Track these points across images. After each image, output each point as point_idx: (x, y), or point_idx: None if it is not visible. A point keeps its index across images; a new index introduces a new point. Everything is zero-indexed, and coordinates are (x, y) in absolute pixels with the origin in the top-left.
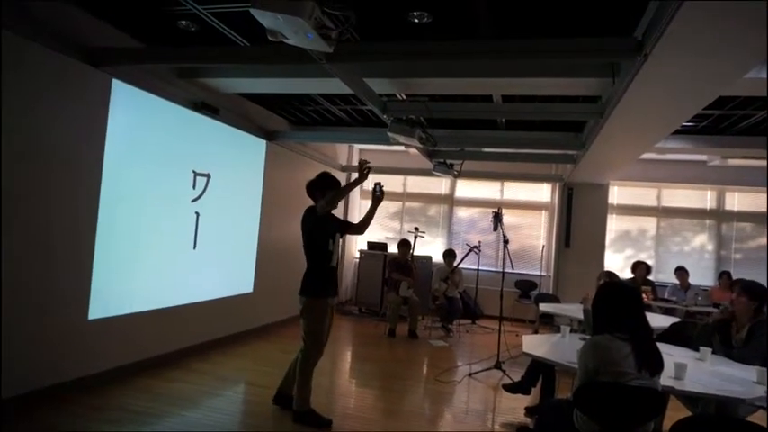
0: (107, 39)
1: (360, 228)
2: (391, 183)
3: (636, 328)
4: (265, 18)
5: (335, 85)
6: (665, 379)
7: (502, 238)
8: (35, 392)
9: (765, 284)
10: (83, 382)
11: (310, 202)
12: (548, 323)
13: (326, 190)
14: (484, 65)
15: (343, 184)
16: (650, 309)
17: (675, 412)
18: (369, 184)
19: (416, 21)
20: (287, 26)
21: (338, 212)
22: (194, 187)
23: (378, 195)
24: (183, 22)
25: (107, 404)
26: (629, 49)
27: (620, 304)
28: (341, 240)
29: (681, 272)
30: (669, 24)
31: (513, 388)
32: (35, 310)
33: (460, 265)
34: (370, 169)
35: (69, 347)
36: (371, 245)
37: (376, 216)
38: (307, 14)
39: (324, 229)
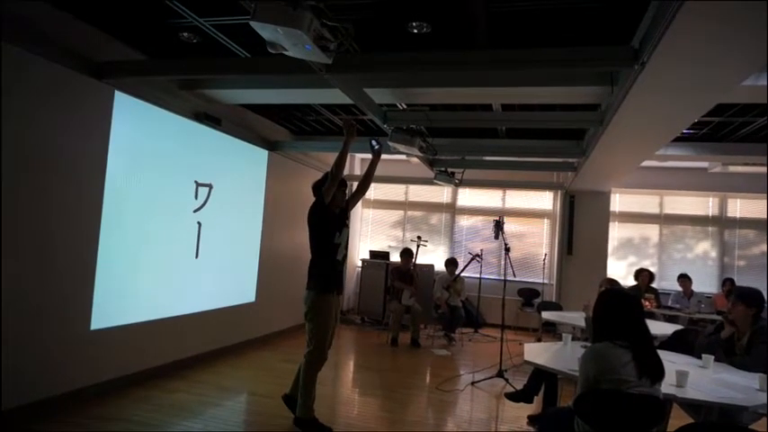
0: (109, 51)
1: (361, 189)
2: (393, 192)
3: (636, 335)
4: (265, 30)
5: (336, 96)
6: (667, 387)
7: (503, 246)
8: (38, 403)
9: (765, 291)
10: (85, 393)
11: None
12: (551, 331)
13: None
14: (483, 74)
15: (347, 192)
16: (653, 316)
17: (678, 420)
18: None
19: (416, 31)
20: (286, 38)
21: None
22: (196, 197)
23: (377, 149)
24: (185, 34)
25: (109, 415)
26: (626, 58)
27: (619, 312)
28: (348, 235)
29: (684, 279)
30: (665, 33)
31: (515, 396)
32: (37, 321)
33: (463, 274)
34: (353, 125)
35: (72, 358)
36: (374, 254)
37: (379, 225)
38: (305, 26)
39: (331, 219)
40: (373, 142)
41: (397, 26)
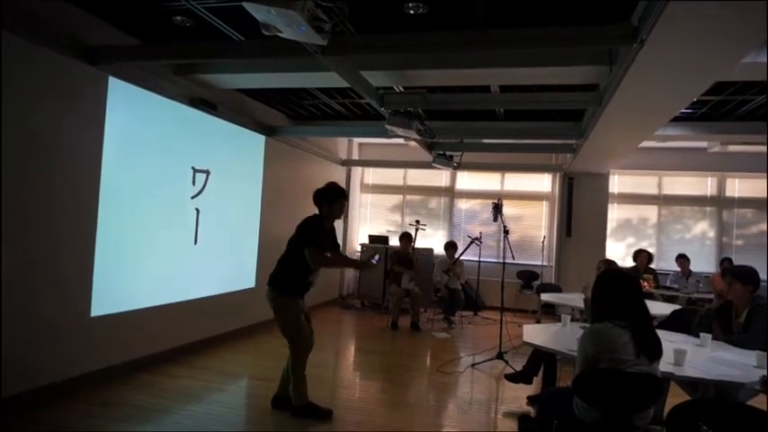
0: (102, 36)
1: (335, 262)
2: (391, 176)
3: (635, 315)
4: (258, 12)
5: (333, 79)
6: (665, 365)
7: (502, 229)
8: (39, 389)
9: (765, 271)
10: (87, 379)
11: (310, 196)
12: (550, 313)
13: (333, 201)
14: (481, 55)
15: (344, 178)
16: (652, 297)
17: (676, 398)
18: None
19: (412, 12)
20: (280, 19)
21: None
22: (194, 183)
23: (371, 264)
24: (179, 17)
25: (111, 400)
26: (624, 36)
27: (618, 292)
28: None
29: (682, 259)
30: (664, 9)
31: (515, 377)
32: (38, 308)
33: (462, 257)
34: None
35: (73, 345)
36: (373, 238)
37: (378, 209)
38: (299, 7)
39: (321, 241)
40: (375, 258)
41: (393, 6)
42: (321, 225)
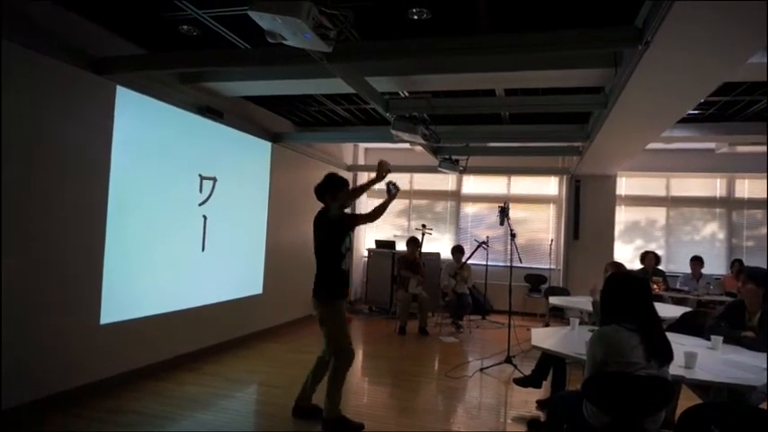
0: (109, 46)
1: (371, 216)
2: (397, 181)
3: (643, 318)
4: (263, 20)
5: (338, 85)
6: (676, 368)
7: (509, 233)
8: (49, 398)
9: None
10: (97, 386)
11: (317, 202)
12: (558, 316)
13: (336, 191)
14: (485, 59)
15: (350, 183)
16: (661, 299)
17: (688, 401)
18: (381, 183)
19: (416, 17)
20: (285, 27)
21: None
22: (201, 191)
23: (393, 193)
24: (185, 27)
25: (120, 407)
26: (629, 38)
27: (627, 294)
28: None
29: (695, 261)
30: (669, 11)
31: (524, 382)
32: (48, 317)
33: (469, 261)
34: (389, 171)
35: (83, 352)
36: (379, 243)
37: (384, 214)
38: (304, 15)
39: (338, 230)
40: (391, 187)
41: (396, 13)
42: (340, 212)
